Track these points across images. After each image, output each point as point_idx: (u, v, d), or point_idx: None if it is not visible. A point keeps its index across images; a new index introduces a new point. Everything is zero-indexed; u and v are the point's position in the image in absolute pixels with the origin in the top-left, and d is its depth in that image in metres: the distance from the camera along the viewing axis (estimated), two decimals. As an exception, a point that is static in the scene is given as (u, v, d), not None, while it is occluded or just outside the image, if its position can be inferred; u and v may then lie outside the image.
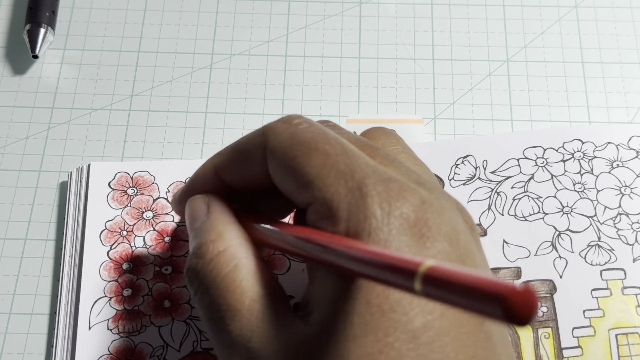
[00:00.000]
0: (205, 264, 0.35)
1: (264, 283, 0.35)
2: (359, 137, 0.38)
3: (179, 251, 0.46)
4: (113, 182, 0.48)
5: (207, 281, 0.35)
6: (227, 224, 0.37)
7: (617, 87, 0.53)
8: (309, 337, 0.32)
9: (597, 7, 0.56)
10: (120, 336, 0.43)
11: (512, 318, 0.22)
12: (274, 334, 0.33)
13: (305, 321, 0.33)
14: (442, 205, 0.34)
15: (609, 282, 0.45)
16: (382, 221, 0.32)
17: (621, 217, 0.47)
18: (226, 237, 0.36)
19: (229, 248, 0.36)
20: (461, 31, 0.55)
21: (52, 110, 0.52)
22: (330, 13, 0.56)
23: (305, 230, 0.34)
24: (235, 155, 0.38)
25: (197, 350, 0.43)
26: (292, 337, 0.33)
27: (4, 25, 0.56)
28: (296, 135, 0.35)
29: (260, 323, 0.34)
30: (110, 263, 0.45)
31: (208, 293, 0.35)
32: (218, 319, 0.34)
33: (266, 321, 0.34)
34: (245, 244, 0.36)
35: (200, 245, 0.36)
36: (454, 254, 0.32)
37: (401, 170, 0.35)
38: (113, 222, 0.47)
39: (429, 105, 0.52)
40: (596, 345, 0.43)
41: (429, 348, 0.30)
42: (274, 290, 0.35)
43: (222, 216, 0.37)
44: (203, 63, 0.54)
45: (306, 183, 0.34)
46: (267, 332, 0.33)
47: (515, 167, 0.48)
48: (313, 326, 0.32)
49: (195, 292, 0.36)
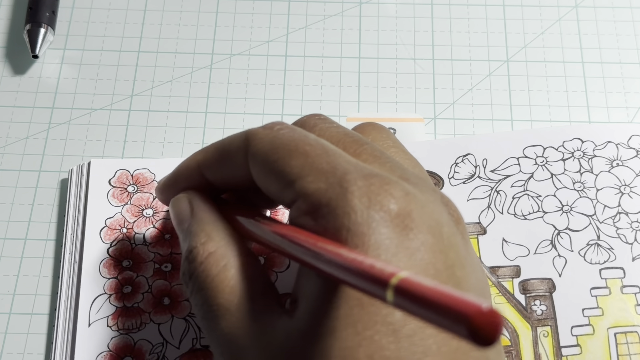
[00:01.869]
0: (197, 267, 0.36)
1: (253, 280, 0.36)
2: (348, 131, 0.38)
3: (178, 248, 0.46)
4: (113, 179, 0.48)
5: (199, 282, 0.36)
6: (213, 223, 0.38)
7: (617, 87, 0.53)
8: (294, 332, 0.33)
9: (597, 7, 0.56)
10: (120, 333, 0.43)
11: (476, 338, 0.22)
12: (260, 330, 0.34)
13: (291, 316, 0.33)
14: (425, 198, 0.34)
15: (608, 280, 0.45)
16: (361, 215, 0.32)
17: (621, 216, 0.47)
18: (214, 237, 0.37)
19: (218, 249, 0.37)
20: (461, 31, 0.55)
21: (52, 110, 0.52)
22: (330, 13, 0.56)
23: (286, 228, 0.35)
24: (218, 155, 0.39)
25: (196, 348, 0.43)
26: (277, 332, 0.33)
27: (4, 25, 0.56)
28: (277, 139, 0.36)
29: (248, 320, 0.34)
30: (110, 260, 0.46)
31: (200, 294, 0.36)
32: (210, 318, 0.35)
33: (253, 318, 0.34)
34: (232, 242, 0.37)
35: (191, 248, 0.37)
36: (437, 247, 0.32)
37: (386, 165, 0.35)
38: (113, 219, 0.47)
39: (429, 105, 0.52)
40: (595, 344, 0.43)
41: (410, 341, 0.30)
42: (262, 286, 0.36)
43: (207, 215, 0.38)
44: (203, 63, 0.54)
45: (288, 182, 0.34)
46: (254, 329, 0.34)
47: (515, 165, 0.48)
48: (298, 321, 0.33)
49: (190, 293, 0.37)
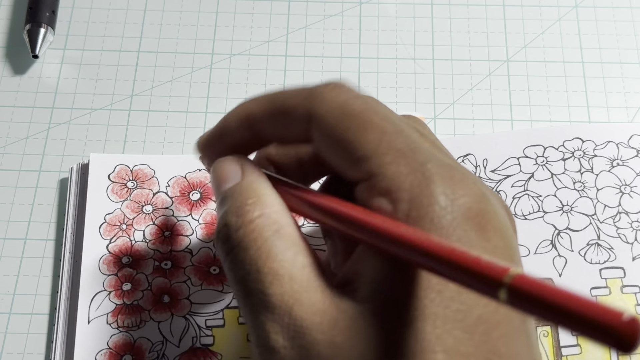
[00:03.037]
0: (246, 224, 0.34)
1: (308, 253, 0.34)
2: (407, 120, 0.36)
3: (178, 246, 0.46)
4: (113, 174, 0.48)
5: (247, 241, 0.33)
6: (266, 188, 0.35)
7: (617, 87, 0.53)
8: (358, 315, 0.31)
9: (597, 7, 0.56)
10: (120, 331, 0.43)
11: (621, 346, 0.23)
12: (320, 306, 0.32)
13: (352, 298, 0.31)
14: (494, 200, 0.33)
15: (608, 280, 0.45)
16: (445, 208, 0.31)
17: (621, 215, 0.47)
18: (266, 201, 0.34)
19: (271, 213, 0.34)
20: (461, 31, 0.55)
21: (52, 110, 0.52)
22: (330, 13, 0.56)
23: (357, 209, 0.32)
24: (274, 109, 0.36)
25: (196, 346, 0.43)
26: (339, 312, 0.31)
27: (4, 25, 0.56)
28: (347, 105, 0.33)
29: (305, 292, 0.32)
30: (110, 257, 0.45)
31: (247, 253, 0.33)
32: (257, 280, 0.33)
33: (312, 291, 0.32)
34: (286, 212, 0.35)
35: (240, 205, 0.34)
36: (506, 252, 0.32)
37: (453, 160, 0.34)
38: (113, 215, 0.47)
39: (429, 105, 0.52)
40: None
41: (483, 339, 0.30)
42: (317, 262, 0.34)
43: (259, 179, 0.36)
44: (203, 63, 0.54)
45: (361, 157, 0.32)
46: (313, 303, 0.32)
47: (515, 165, 0.48)
48: (363, 305, 0.31)
49: (230, 250, 0.34)
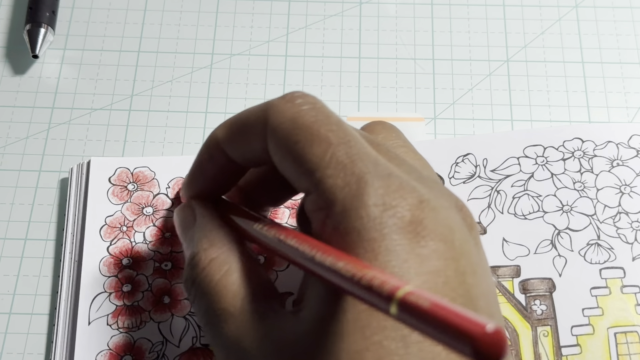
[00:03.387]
0: (199, 272, 0.36)
1: (255, 284, 0.36)
2: (361, 132, 0.37)
3: (178, 247, 0.46)
4: (113, 177, 0.48)
5: (202, 288, 0.36)
6: (216, 229, 0.38)
7: (617, 87, 0.53)
8: (300, 334, 0.32)
9: (597, 7, 0.56)
10: (120, 331, 0.43)
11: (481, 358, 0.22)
12: (264, 333, 0.33)
13: (296, 318, 0.33)
14: (440, 204, 0.33)
15: (608, 280, 0.45)
16: (374, 220, 0.31)
17: (621, 215, 0.47)
18: (217, 243, 0.37)
19: (220, 255, 0.36)
20: (461, 31, 0.55)
21: (52, 110, 0.52)
22: (330, 13, 0.56)
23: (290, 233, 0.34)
24: (235, 128, 0.37)
25: (196, 346, 0.43)
26: (283, 335, 0.33)
27: (4, 25, 0.56)
28: (299, 117, 0.34)
29: (251, 323, 0.34)
30: (110, 258, 0.45)
31: (204, 299, 0.36)
32: (214, 323, 0.35)
33: (257, 321, 0.34)
34: (234, 247, 0.37)
35: (194, 255, 0.37)
36: (448, 254, 0.32)
37: (403, 166, 0.35)
38: (113, 217, 0.47)
39: (429, 105, 0.52)
40: (595, 343, 0.43)
41: (419, 347, 0.30)
42: (265, 289, 0.36)
43: (209, 222, 0.38)
44: (203, 63, 0.54)
45: (307, 171, 0.33)
46: (258, 332, 0.34)
47: (515, 165, 0.48)
48: (304, 324, 0.32)
49: (194, 299, 0.37)
